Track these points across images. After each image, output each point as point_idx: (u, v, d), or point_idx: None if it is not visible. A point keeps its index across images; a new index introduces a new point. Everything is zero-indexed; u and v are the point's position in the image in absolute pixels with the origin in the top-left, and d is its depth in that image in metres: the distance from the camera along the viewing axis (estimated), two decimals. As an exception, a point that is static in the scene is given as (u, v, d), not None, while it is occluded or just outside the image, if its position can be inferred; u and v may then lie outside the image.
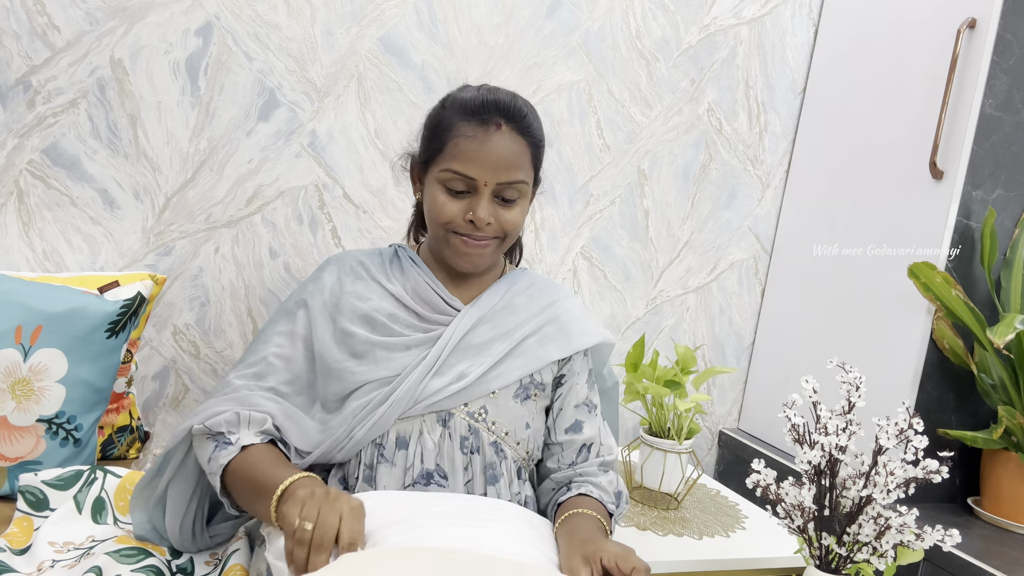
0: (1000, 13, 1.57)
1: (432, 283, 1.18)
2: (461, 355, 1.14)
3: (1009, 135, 1.64)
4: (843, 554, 1.07)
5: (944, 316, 1.62)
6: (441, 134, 1.12)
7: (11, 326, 1.20)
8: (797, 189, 2.03)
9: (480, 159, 1.09)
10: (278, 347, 1.15)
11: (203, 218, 1.54)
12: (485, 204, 1.10)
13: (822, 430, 1.08)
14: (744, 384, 2.14)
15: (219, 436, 1.05)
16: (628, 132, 1.87)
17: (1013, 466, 1.63)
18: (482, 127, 1.09)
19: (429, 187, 1.14)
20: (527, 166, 1.13)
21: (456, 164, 1.09)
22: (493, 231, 1.13)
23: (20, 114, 1.39)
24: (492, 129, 1.09)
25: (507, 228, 1.14)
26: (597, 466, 1.20)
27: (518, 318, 1.19)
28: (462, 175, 1.09)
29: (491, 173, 1.09)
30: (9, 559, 1.06)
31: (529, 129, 1.13)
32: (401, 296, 1.17)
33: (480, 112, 1.10)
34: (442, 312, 1.17)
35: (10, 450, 1.22)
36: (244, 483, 1.01)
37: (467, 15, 1.67)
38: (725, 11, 1.90)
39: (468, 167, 1.09)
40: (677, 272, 2.00)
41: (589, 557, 0.94)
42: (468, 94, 1.13)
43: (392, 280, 1.19)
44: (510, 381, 1.15)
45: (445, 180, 1.11)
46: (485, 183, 1.10)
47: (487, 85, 1.16)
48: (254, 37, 1.52)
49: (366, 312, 1.15)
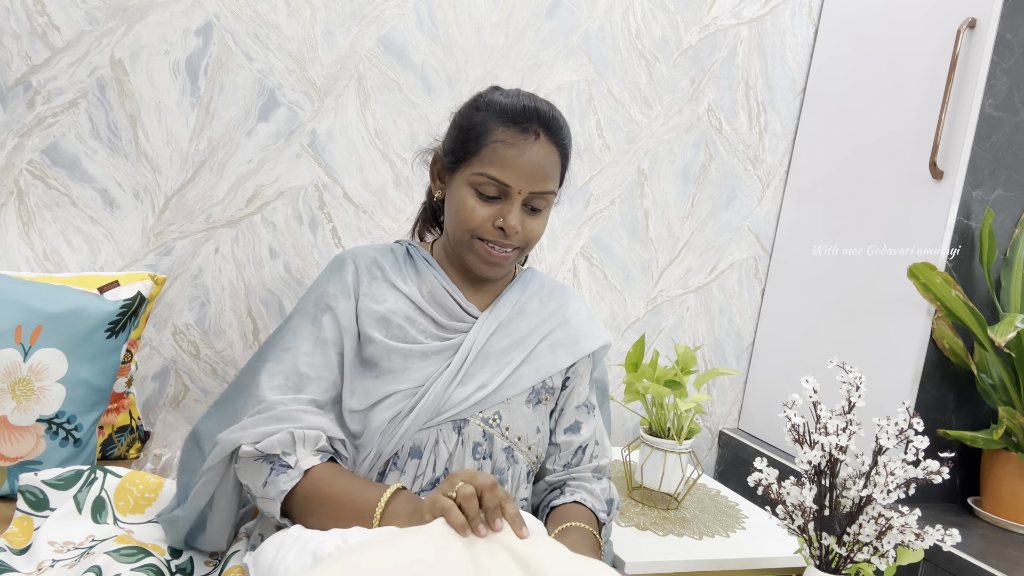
0: (1000, 13, 1.57)
1: (449, 287, 1.17)
2: (482, 363, 1.13)
3: (1009, 135, 1.64)
4: (843, 554, 1.07)
5: (944, 316, 1.62)
6: (478, 137, 1.10)
7: (11, 326, 1.20)
8: (797, 189, 2.03)
9: (518, 167, 1.07)
10: (308, 355, 1.10)
11: (203, 218, 1.54)
12: (516, 212, 1.09)
13: (822, 430, 1.08)
14: (744, 384, 2.14)
15: (273, 459, 1.01)
16: (628, 132, 1.87)
17: (1013, 466, 1.63)
18: (522, 135, 1.08)
19: (457, 188, 1.12)
20: (557, 177, 1.14)
21: (493, 170, 1.08)
22: (518, 240, 1.12)
23: (20, 114, 1.39)
24: (531, 138, 1.09)
25: (531, 238, 1.13)
26: (591, 471, 1.21)
27: (531, 323, 1.19)
28: (498, 181, 1.08)
29: (527, 182, 1.08)
30: (9, 559, 1.06)
31: (564, 141, 1.13)
32: (416, 299, 1.15)
33: (521, 120, 1.09)
34: (459, 319, 1.16)
35: (10, 450, 1.22)
36: (320, 507, 0.99)
37: (467, 15, 1.67)
38: (725, 11, 1.90)
39: (505, 174, 1.08)
40: (677, 272, 2.00)
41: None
42: (507, 99, 1.11)
43: (407, 281, 1.16)
44: (524, 388, 1.15)
45: (478, 184, 1.09)
46: (519, 191, 1.09)
47: (524, 91, 1.15)
48: (254, 37, 1.52)
49: (382, 314, 1.13)
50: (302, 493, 1.00)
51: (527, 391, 1.15)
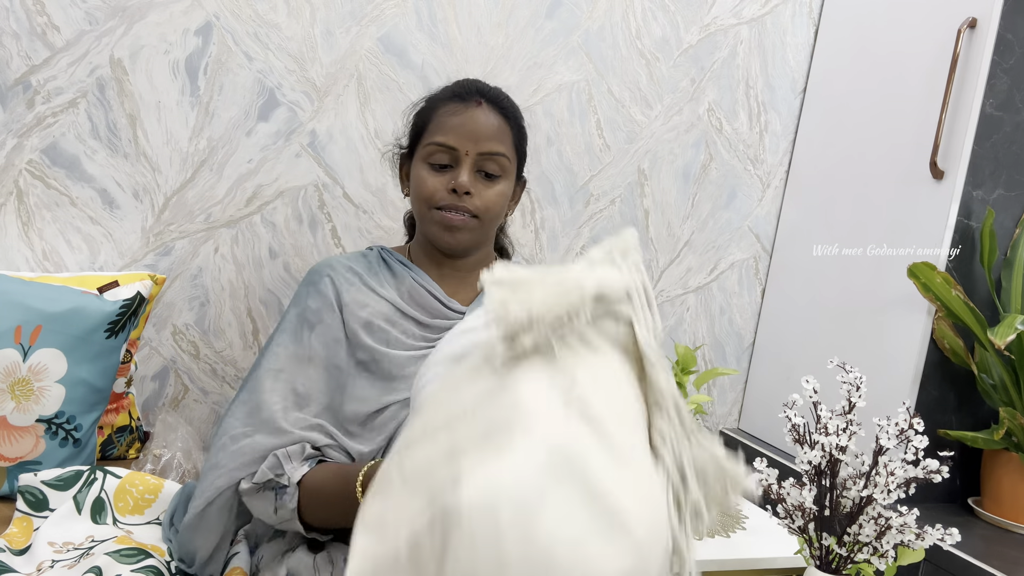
0: (1000, 13, 1.57)
1: (427, 284, 1.17)
2: None
3: (1009, 135, 1.64)
4: (843, 554, 1.07)
5: (944, 316, 1.62)
6: (426, 117, 1.17)
7: (11, 326, 1.20)
8: (797, 189, 2.03)
9: (461, 129, 1.12)
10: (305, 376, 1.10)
11: (203, 218, 1.54)
12: (466, 172, 1.12)
13: (822, 430, 1.07)
14: (744, 384, 2.13)
15: (269, 483, 1.03)
16: (628, 132, 1.87)
17: (1013, 466, 1.63)
18: (463, 103, 1.14)
19: (414, 170, 1.17)
20: (508, 144, 1.16)
21: (438, 136, 1.13)
22: (474, 206, 1.13)
23: (20, 114, 1.39)
24: (472, 104, 1.14)
25: (488, 204, 1.14)
26: None
27: None
28: (444, 145, 1.13)
29: (472, 142, 1.12)
30: (9, 559, 1.06)
31: (509, 110, 1.18)
32: (396, 302, 1.15)
33: (462, 92, 1.16)
34: (441, 316, 1.16)
35: (10, 450, 1.22)
36: (326, 508, 1.00)
37: (467, 15, 1.67)
38: (725, 11, 1.90)
39: (450, 137, 1.12)
40: (677, 272, 1.99)
41: None
42: (453, 85, 1.21)
43: (384, 285, 1.17)
44: None
45: (428, 155, 1.14)
46: (466, 152, 1.12)
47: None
48: (254, 37, 1.51)
49: (366, 319, 1.12)
50: (305, 503, 1.01)
51: None
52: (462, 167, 1.12)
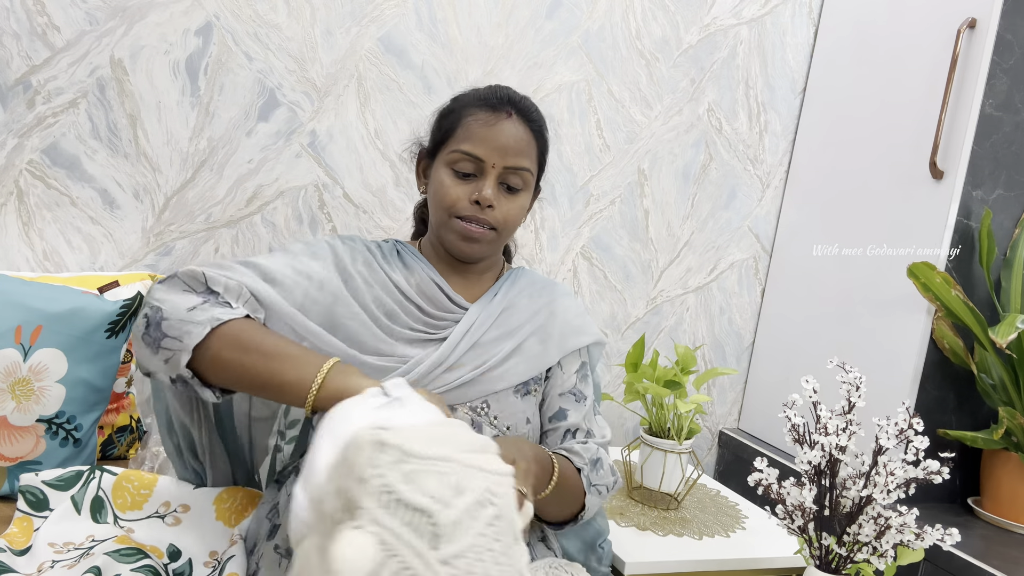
0: (1000, 13, 1.57)
1: (436, 279, 1.18)
2: (471, 353, 1.14)
3: (1009, 135, 1.64)
4: (843, 554, 1.07)
5: (944, 316, 1.62)
6: (453, 120, 1.14)
7: (11, 326, 1.20)
8: (797, 189, 2.03)
9: (490, 141, 1.10)
10: (285, 263, 1.07)
11: (203, 218, 1.54)
12: (491, 185, 1.11)
13: (822, 430, 1.08)
14: (744, 384, 2.14)
15: (212, 293, 0.98)
16: (628, 132, 1.87)
17: (1013, 466, 1.63)
18: (493, 113, 1.12)
19: (436, 173, 1.15)
20: (533, 158, 1.16)
21: (466, 145, 1.11)
22: (494, 219, 1.13)
23: (20, 114, 1.39)
24: (503, 115, 1.12)
25: (508, 218, 1.14)
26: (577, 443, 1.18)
27: (520, 317, 1.19)
28: (471, 155, 1.11)
29: (499, 155, 1.11)
30: (9, 559, 1.06)
31: (536, 123, 1.16)
32: (405, 289, 1.15)
33: (493, 100, 1.13)
34: (446, 309, 1.17)
35: (10, 450, 1.22)
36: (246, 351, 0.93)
37: (467, 15, 1.67)
38: (725, 11, 1.90)
39: (477, 147, 1.10)
40: (677, 272, 2.00)
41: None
42: (482, 89, 1.17)
43: (395, 270, 1.17)
44: (515, 383, 1.15)
45: (453, 162, 1.12)
46: (493, 165, 1.11)
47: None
48: (254, 37, 1.51)
49: (376, 296, 1.12)
50: (233, 332, 0.94)
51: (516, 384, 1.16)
52: (487, 179, 1.11)
